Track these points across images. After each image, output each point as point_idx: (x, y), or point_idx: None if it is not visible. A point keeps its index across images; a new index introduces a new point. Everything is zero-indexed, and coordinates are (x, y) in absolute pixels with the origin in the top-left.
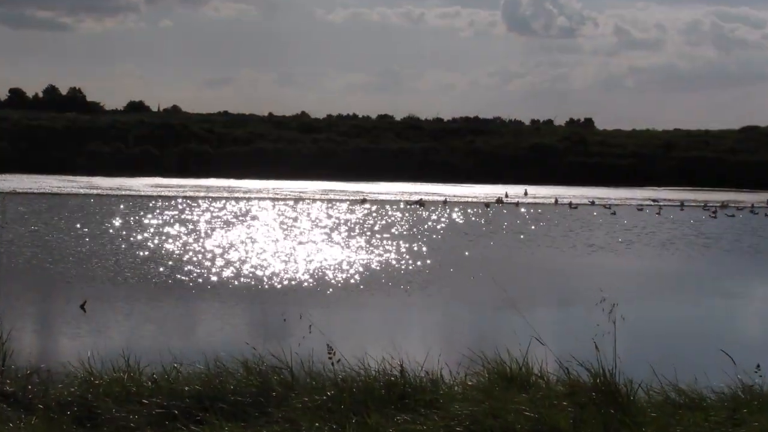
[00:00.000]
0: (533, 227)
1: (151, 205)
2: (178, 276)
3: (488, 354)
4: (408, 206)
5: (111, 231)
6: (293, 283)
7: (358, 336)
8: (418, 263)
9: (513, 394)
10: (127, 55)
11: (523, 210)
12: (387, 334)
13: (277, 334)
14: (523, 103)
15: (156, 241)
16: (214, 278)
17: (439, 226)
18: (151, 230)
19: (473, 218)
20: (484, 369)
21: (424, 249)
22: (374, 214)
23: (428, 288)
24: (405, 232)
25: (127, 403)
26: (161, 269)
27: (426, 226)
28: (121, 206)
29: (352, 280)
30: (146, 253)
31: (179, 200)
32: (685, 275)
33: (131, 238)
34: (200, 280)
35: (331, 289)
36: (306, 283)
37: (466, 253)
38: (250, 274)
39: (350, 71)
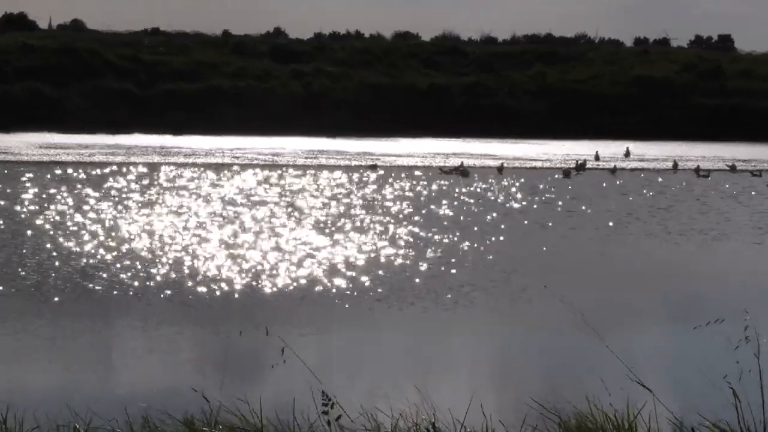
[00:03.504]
0: (637, 207)
1: (38, 176)
2: (83, 283)
3: (564, 405)
4: (443, 175)
5: None
6: (264, 294)
7: (366, 376)
8: (457, 264)
9: None
10: None
11: (621, 180)
12: (409, 372)
13: (239, 374)
14: (621, 15)
15: (47, 233)
16: (137, 287)
17: (489, 207)
18: (41, 216)
19: (544, 194)
20: (560, 427)
21: (467, 242)
22: (390, 188)
23: (471, 301)
24: (437, 216)
25: None
26: (56, 274)
27: (470, 207)
28: None
29: (355, 290)
30: (33, 249)
31: (84, 169)
32: None
33: (8, 229)
34: (116, 290)
35: (322, 304)
36: (284, 295)
37: (531, 249)
38: (196, 281)
39: None
